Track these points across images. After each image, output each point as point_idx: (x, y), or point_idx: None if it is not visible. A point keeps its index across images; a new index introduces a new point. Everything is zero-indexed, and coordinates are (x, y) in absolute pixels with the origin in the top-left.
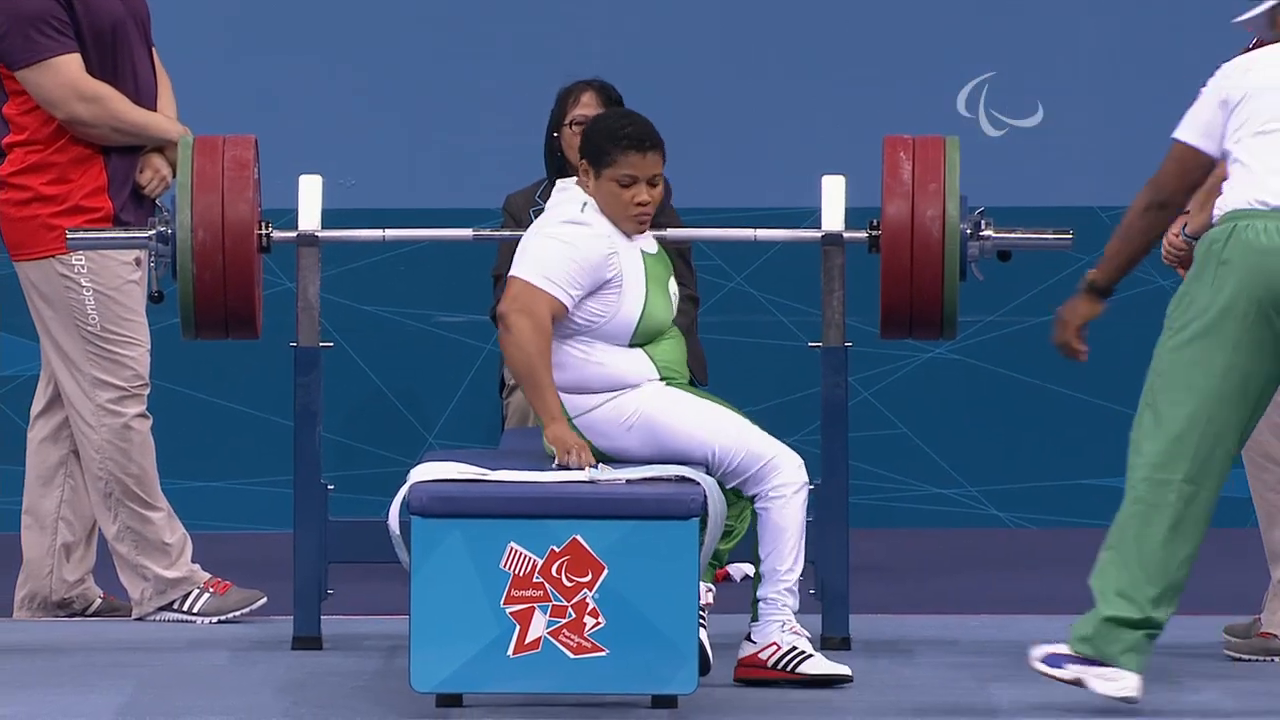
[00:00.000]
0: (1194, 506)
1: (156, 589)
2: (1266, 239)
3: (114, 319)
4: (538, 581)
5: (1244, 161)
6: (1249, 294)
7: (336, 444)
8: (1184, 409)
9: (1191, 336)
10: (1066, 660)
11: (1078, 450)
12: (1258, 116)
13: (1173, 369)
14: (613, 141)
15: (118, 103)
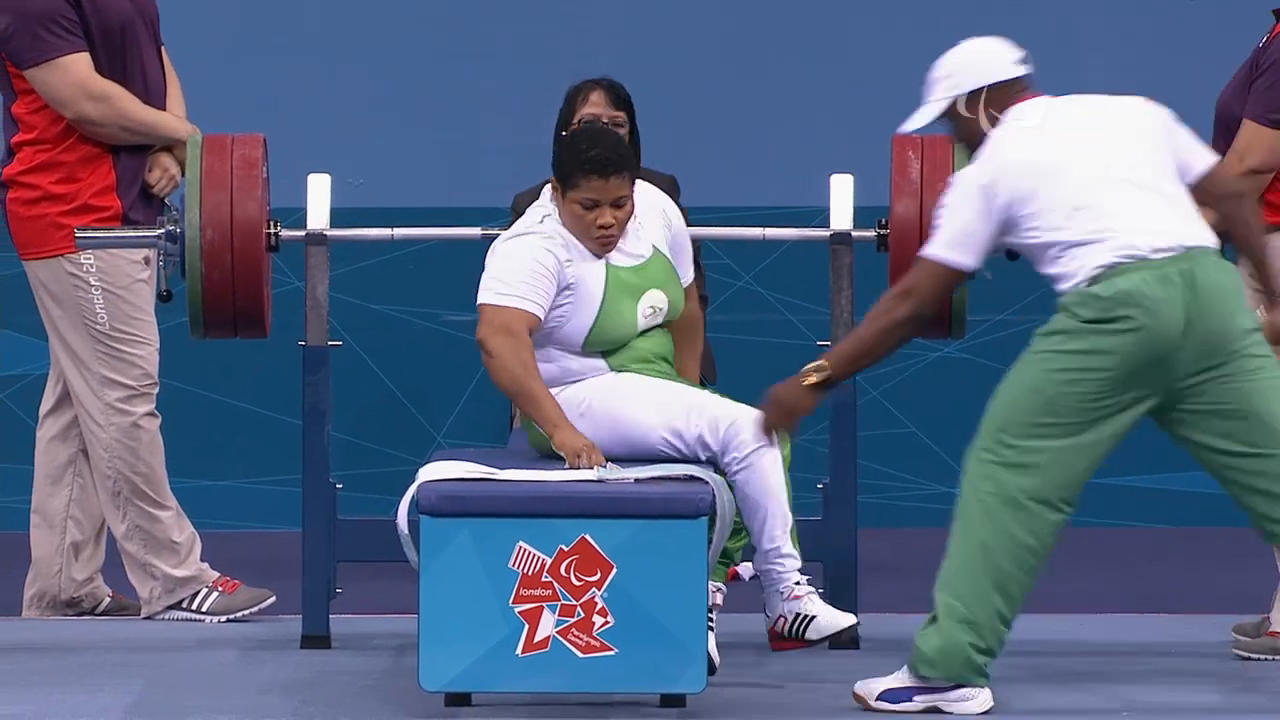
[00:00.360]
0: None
1: (165, 588)
2: (1158, 289)
3: (123, 318)
4: (546, 581)
5: (1074, 240)
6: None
7: (345, 443)
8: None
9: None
10: (913, 692)
11: None
12: (1048, 200)
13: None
14: (576, 165)
15: (126, 102)
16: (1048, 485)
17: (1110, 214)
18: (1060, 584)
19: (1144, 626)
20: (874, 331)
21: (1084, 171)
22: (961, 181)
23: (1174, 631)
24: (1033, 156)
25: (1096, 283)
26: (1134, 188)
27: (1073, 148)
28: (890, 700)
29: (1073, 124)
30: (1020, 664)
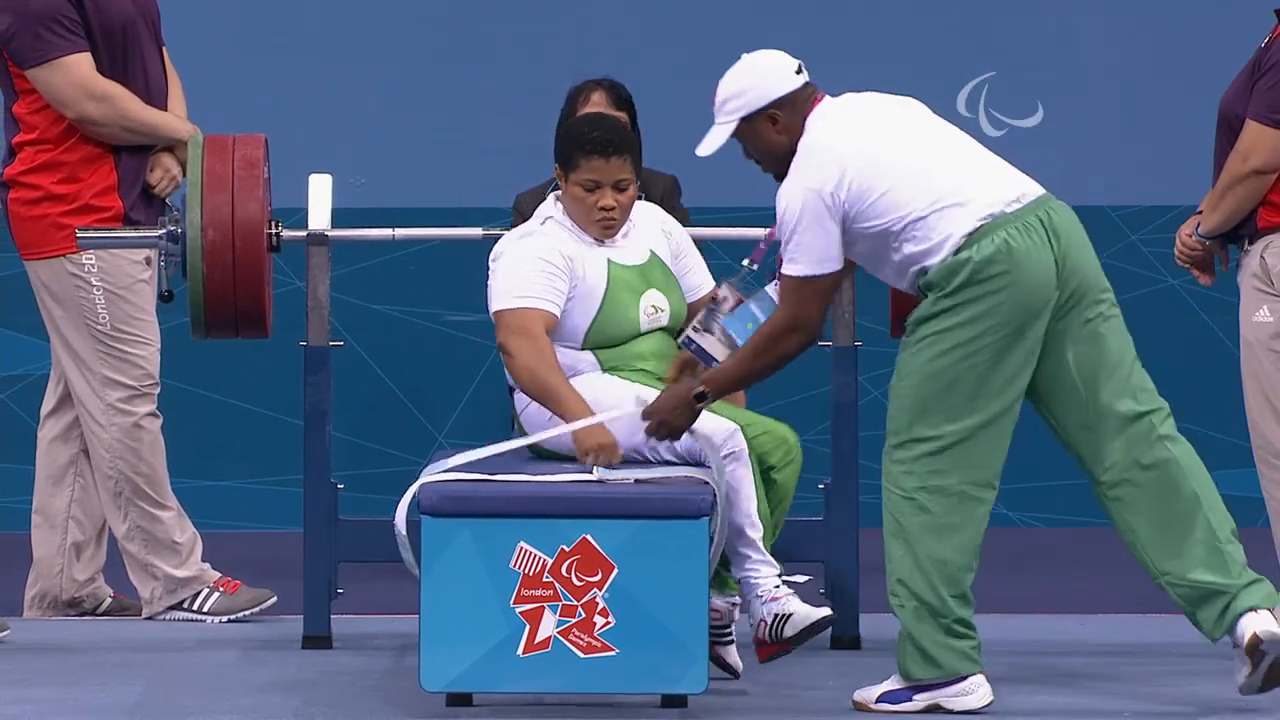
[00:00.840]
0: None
1: (166, 588)
2: (1026, 239)
3: (124, 318)
4: (547, 581)
5: (930, 211)
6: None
7: (346, 443)
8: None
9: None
10: (912, 693)
11: None
12: (890, 182)
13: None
14: (577, 146)
15: (128, 102)
16: (970, 468)
17: (957, 180)
18: (1061, 584)
19: (1145, 626)
20: (766, 364)
21: (915, 147)
22: (799, 196)
23: (1175, 631)
24: (861, 146)
25: (962, 250)
26: (965, 153)
27: (893, 130)
28: (891, 701)
29: (879, 112)
30: (1021, 664)
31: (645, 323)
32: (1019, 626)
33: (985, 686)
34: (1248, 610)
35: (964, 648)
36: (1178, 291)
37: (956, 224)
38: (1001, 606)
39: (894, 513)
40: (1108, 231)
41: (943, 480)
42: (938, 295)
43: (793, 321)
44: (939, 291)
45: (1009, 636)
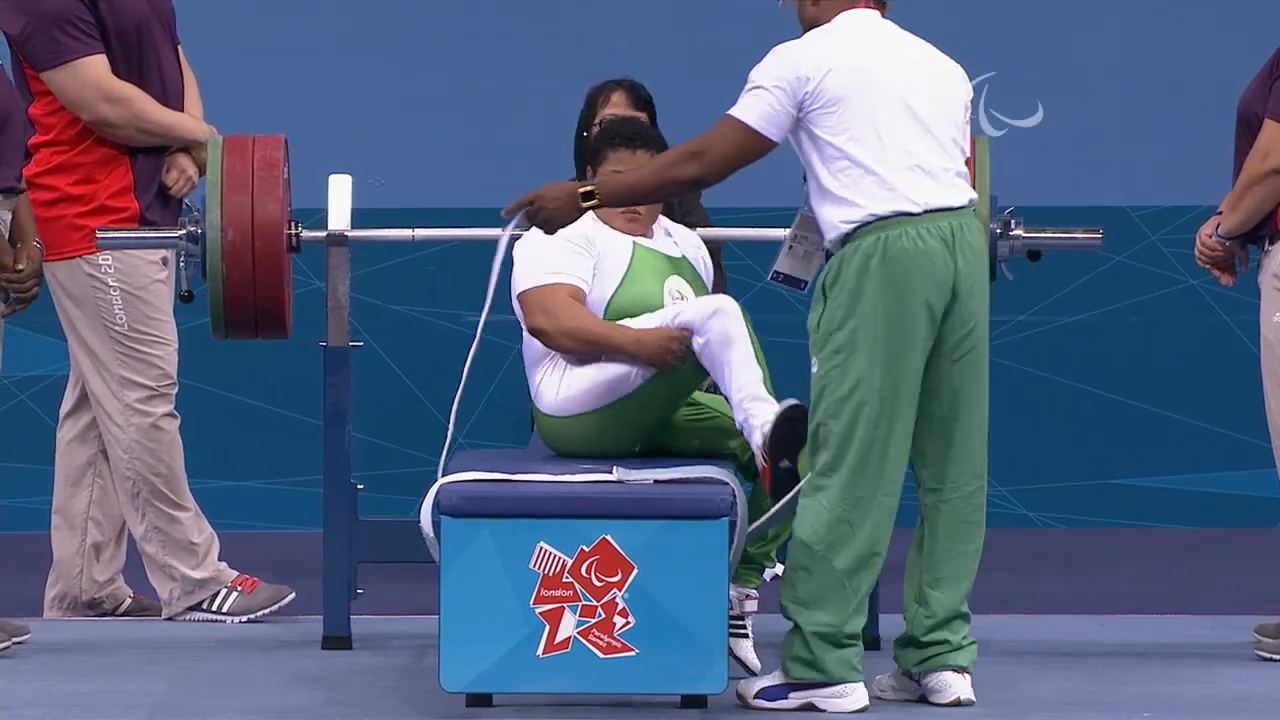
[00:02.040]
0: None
1: (184, 589)
2: (924, 244)
3: (141, 318)
4: (567, 581)
5: (867, 165)
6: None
7: (366, 443)
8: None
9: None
10: (787, 690)
11: (1107, 450)
12: (860, 113)
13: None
14: (604, 140)
15: (143, 103)
16: (871, 478)
17: (901, 154)
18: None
19: (1165, 627)
20: (656, 181)
21: (895, 100)
22: (782, 60)
23: (1195, 633)
24: (850, 63)
25: (866, 232)
26: (930, 136)
27: (893, 73)
28: (768, 698)
29: (899, 50)
30: (1040, 665)
31: (669, 303)
32: (1037, 627)
33: (861, 689)
34: (959, 668)
35: (851, 660)
36: (1198, 292)
37: (874, 200)
38: (1020, 607)
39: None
40: (1127, 232)
41: (847, 492)
42: (829, 305)
43: (700, 149)
44: (827, 299)
45: (1027, 637)
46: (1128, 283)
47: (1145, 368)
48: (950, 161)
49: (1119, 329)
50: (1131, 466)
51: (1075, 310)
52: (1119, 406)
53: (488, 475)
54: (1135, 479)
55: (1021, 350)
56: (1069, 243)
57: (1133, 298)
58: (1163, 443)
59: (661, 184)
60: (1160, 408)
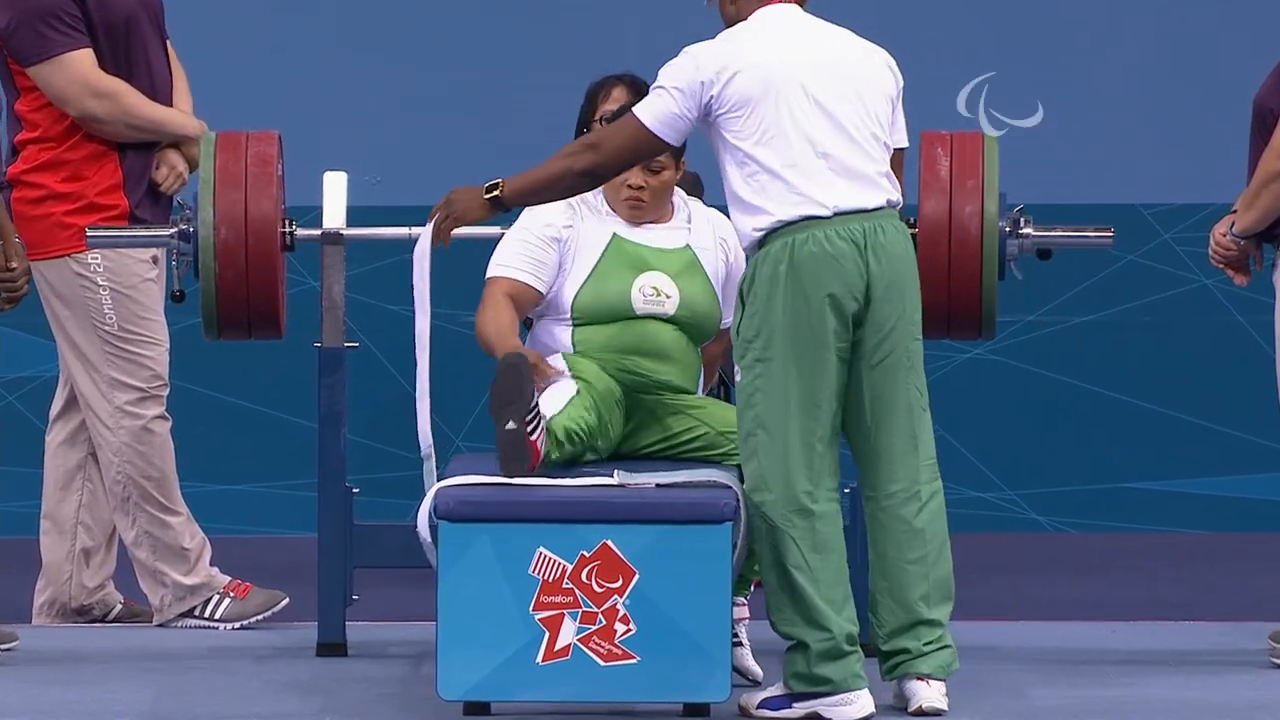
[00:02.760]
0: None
1: (175, 595)
2: (831, 246)
3: (132, 318)
4: (567, 587)
5: (774, 170)
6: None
7: (361, 446)
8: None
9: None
10: (790, 700)
11: (1119, 452)
12: (768, 115)
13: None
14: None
15: (132, 98)
16: (793, 491)
17: (810, 155)
18: (1091, 590)
19: (1177, 634)
20: (551, 172)
21: (804, 99)
22: (689, 61)
23: (1208, 639)
24: (755, 62)
25: (776, 237)
26: (843, 134)
27: (803, 71)
28: (771, 708)
29: (813, 45)
30: (1050, 671)
31: (640, 302)
32: (1048, 633)
33: (866, 695)
34: (922, 675)
35: (850, 663)
36: (1211, 291)
37: (782, 204)
38: (1030, 613)
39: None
40: (1139, 230)
41: (790, 498)
42: (749, 313)
43: (597, 141)
44: (748, 304)
45: (1038, 644)
46: (1139, 282)
47: (1157, 369)
48: (867, 161)
49: (1130, 329)
50: (1143, 469)
51: (1086, 310)
52: (1130, 408)
53: (486, 479)
54: (1146, 482)
55: (1031, 351)
56: (1079, 241)
57: (1144, 297)
58: (1175, 445)
59: (559, 174)
60: (1172, 409)
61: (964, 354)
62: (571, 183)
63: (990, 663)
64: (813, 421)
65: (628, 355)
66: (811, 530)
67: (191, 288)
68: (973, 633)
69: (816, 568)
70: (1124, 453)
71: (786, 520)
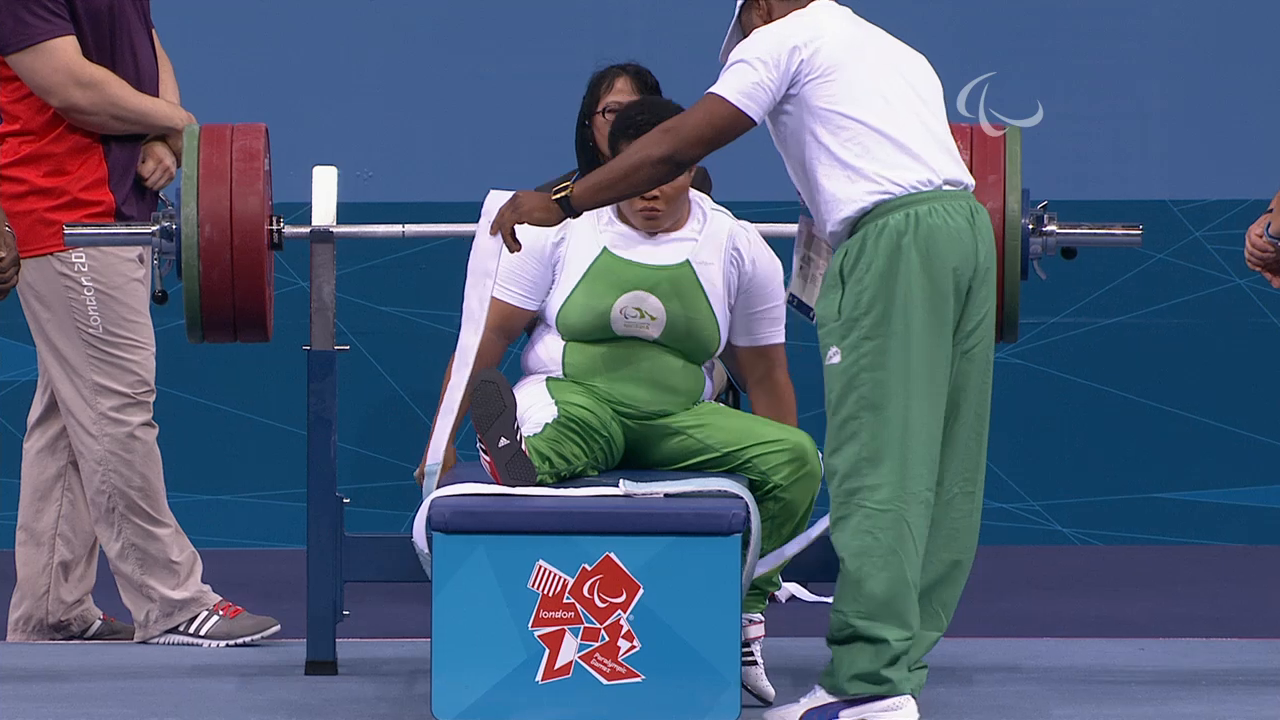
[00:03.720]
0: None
1: (163, 610)
2: (953, 221)
3: (117, 320)
4: (568, 602)
5: (880, 129)
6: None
7: (353, 454)
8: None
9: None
10: (838, 709)
11: (1149, 461)
12: (860, 77)
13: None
14: (622, 131)
15: (117, 88)
16: (922, 470)
17: (914, 120)
18: (1119, 606)
19: (1210, 652)
20: (627, 164)
21: (893, 72)
22: (767, 36)
23: (1242, 657)
24: (839, 32)
25: (891, 208)
26: (929, 108)
27: (880, 50)
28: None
29: (874, 34)
30: (1076, 691)
31: (620, 324)
32: (1074, 651)
33: (912, 703)
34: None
35: (900, 676)
36: (1245, 292)
37: (894, 169)
38: (1056, 629)
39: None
40: (1169, 227)
41: (894, 493)
42: (849, 295)
43: (673, 125)
44: (848, 285)
45: (1063, 662)
46: (1170, 282)
47: (1189, 373)
48: (951, 140)
49: (1160, 332)
50: (1175, 479)
51: (1113, 312)
52: (1159, 414)
53: (483, 488)
54: (1179, 493)
55: (1056, 354)
56: (1107, 239)
57: (1175, 298)
58: (1208, 454)
59: (636, 164)
60: (1205, 416)
61: None
62: (650, 173)
63: (1012, 682)
64: (931, 404)
65: (615, 383)
66: (921, 520)
67: (174, 288)
68: (994, 650)
69: (914, 560)
70: (1153, 462)
71: (897, 507)
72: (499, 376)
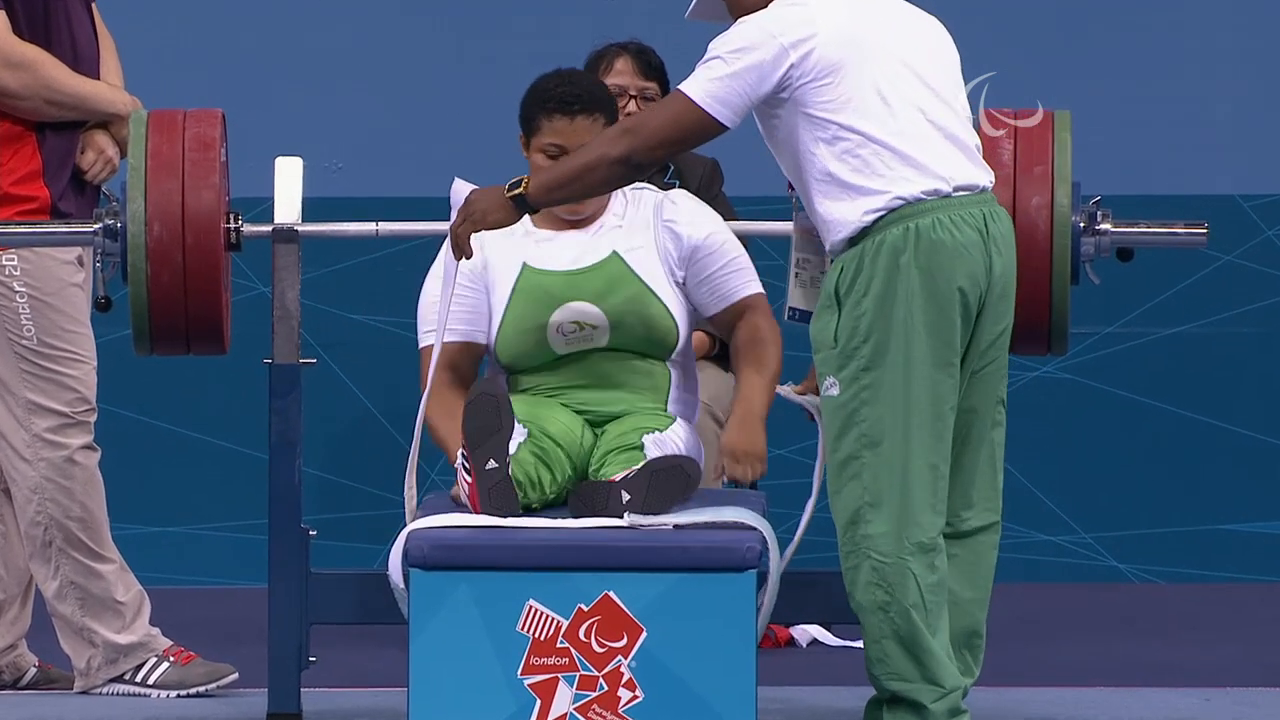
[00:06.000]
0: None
1: (106, 657)
2: (960, 234)
3: (54, 330)
4: (562, 647)
5: (880, 139)
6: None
7: (320, 480)
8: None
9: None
10: None
11: (1216, 488)
12: (859, 80)
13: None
14: (539, 104)
15: (52, 69)
16: (912, 523)
17: (921, 121)
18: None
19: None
20: (583, 162)
21: (898, 64)
22: (752, 30)
23: None
24: (836, 24)
25: (890, 222)
26: (942, 101)
27: (886, 34)
28: None
29: (886, 12)
30: None
31: (561, 343)
32: (1130, 702)
33: None
34: None
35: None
36: None
37: (898, 180)
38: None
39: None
40: (1238, 225)
41: (901, 536)
42: (847, 314)
43: (635, 125)
44: (846, 302)
45: (1120, 713)
46: (1237, 287)
47: (1260, 389)
48: (968, 134)
49: (1227, 342)
50: (1245, 508)
51: (1175, 320)
52: (1229, 436)
53: (466, 519)
54: (1249, 524)
55: (1109, 369)
56: (1167, 239)
57: (1243, 305)
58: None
59: (592, 163)
60: (1277, 438)
61: (1030, 372)
62: (606, 173)
63: None
64: (936, 439)
65: (574, 390)
66: (931, 567)
67: (119, 294)
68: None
69: (934, 611)
70: (1220, 489)
71: (904, 555)
72: (501, 390)
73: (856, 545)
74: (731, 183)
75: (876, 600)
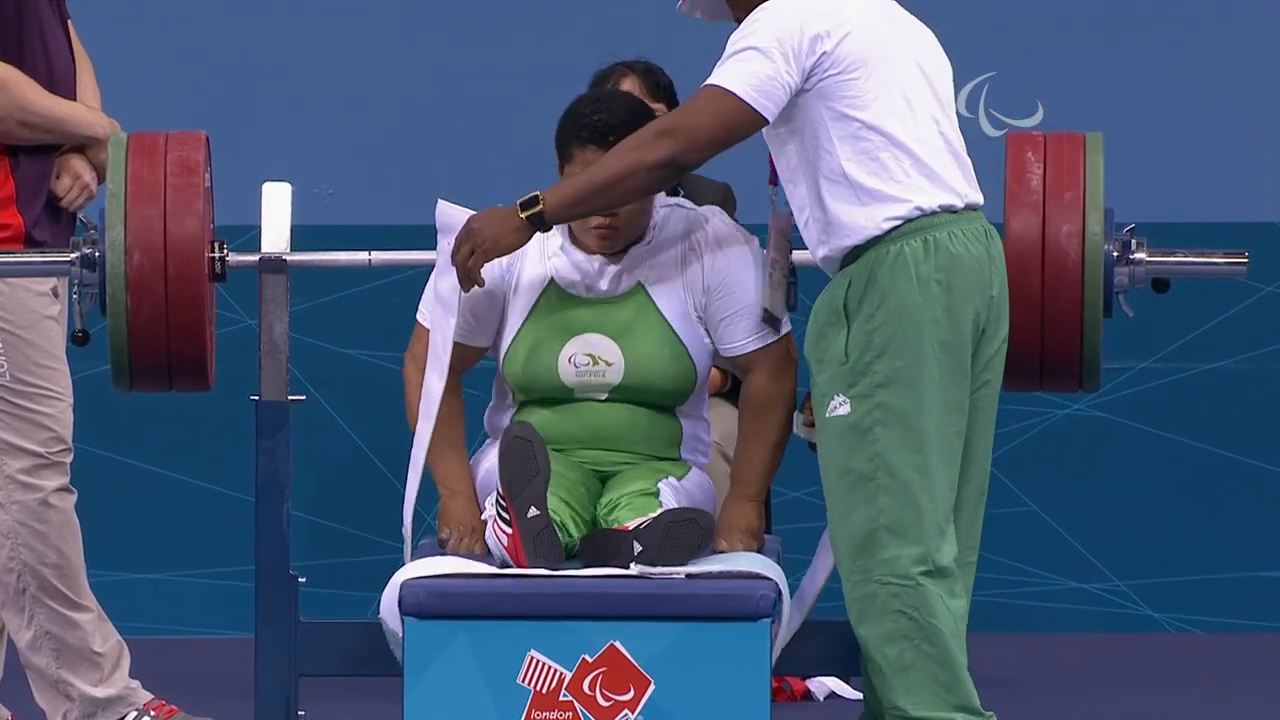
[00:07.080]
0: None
1: (84, 711)
2: (974, 249)
3: (27, 366)
4: (565, 700)
5: (904, 144)
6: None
7: (309, 524)
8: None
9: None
10: None
11: (1257, 533)
12: (885, 79)
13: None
14: (573, 132)
15: (26, 89)
16: (938, 545)
17: (935, 132)
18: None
19: None
20: (616, 170)
21: (915, 69)
22: (779, 15)
23: None
24: (870, 25)
25: (907, 233)
26: (947, 113)
27: (904, 37)
28: None
29: (896, 17)
30: None
31: (571, 375)
32: None
33: None
34: None
35: None
36: None
37: (916, 190)
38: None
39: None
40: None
41: (914, 563)
42: (856, 335)
43: (672, 125)
44: (854, 319)
45: None
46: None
47: None
48: (965, 149)
49: (1269, 379)
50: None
51: (1214, 355)
52: (1270, 478)
53: (463, 564)
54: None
55: (1144, 406)
56: (1206, 269)
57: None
58: None
59: (628, 169)
60: None
61: (1061, 410)
62: (644, 180)
63: None
64: (949, 461)
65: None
66: (953, 593)
67: (98, 327)
68: None
69: (961, 637)
70: (1261, 534)
71: (927, 580)
72: (535, 435)
73: (868, 574)
74: (744, 207)
75: (899, 629)
